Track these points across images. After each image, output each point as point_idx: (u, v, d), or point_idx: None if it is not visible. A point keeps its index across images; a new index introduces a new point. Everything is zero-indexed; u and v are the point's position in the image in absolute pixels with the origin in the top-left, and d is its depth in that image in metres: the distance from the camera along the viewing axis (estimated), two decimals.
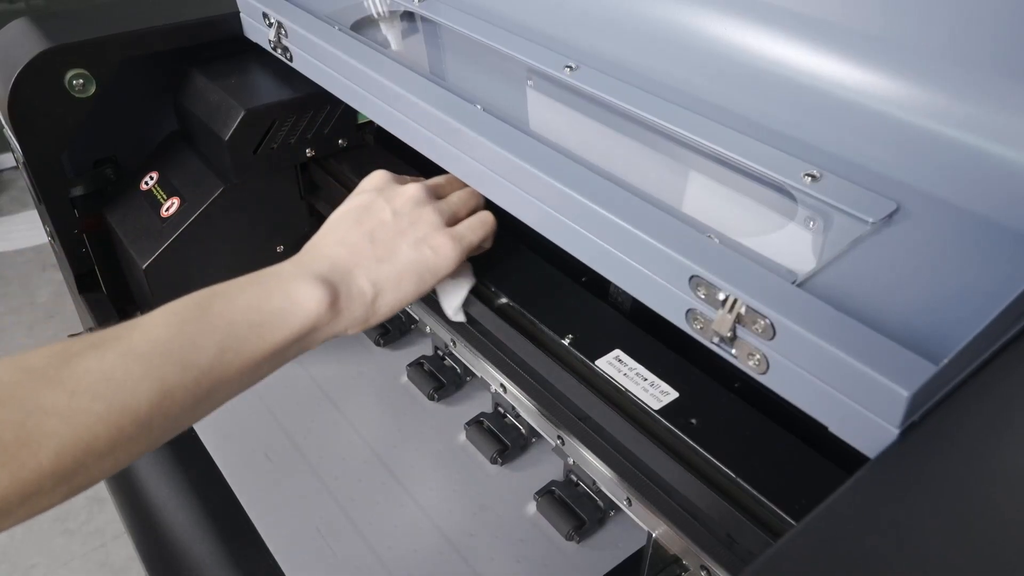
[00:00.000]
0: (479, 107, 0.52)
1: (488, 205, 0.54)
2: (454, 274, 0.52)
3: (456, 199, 0.53)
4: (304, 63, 0.66)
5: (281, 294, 0.46)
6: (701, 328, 0.38)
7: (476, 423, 0.72)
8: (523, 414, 0.67)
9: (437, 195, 0.53)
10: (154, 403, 0.40)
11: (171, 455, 0.71)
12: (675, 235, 0.39)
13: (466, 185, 0.54)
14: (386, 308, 0.49)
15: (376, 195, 0.52)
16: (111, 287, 0.85)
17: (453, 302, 0.54)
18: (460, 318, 0.56)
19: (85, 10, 0.74)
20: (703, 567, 0.49)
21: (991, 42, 0.42)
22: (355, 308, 0.48)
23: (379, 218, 0.50)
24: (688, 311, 0.39)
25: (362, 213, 0.51)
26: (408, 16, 0.72)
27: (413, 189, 0.52)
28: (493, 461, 0.71)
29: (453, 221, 0.52)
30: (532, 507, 0.68)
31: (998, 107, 0.42)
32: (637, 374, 0.47)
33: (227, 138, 0.70)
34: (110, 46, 0.69)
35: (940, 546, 0.28)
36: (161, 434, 0.41)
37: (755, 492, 0.40)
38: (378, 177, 0.54)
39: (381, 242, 0.49)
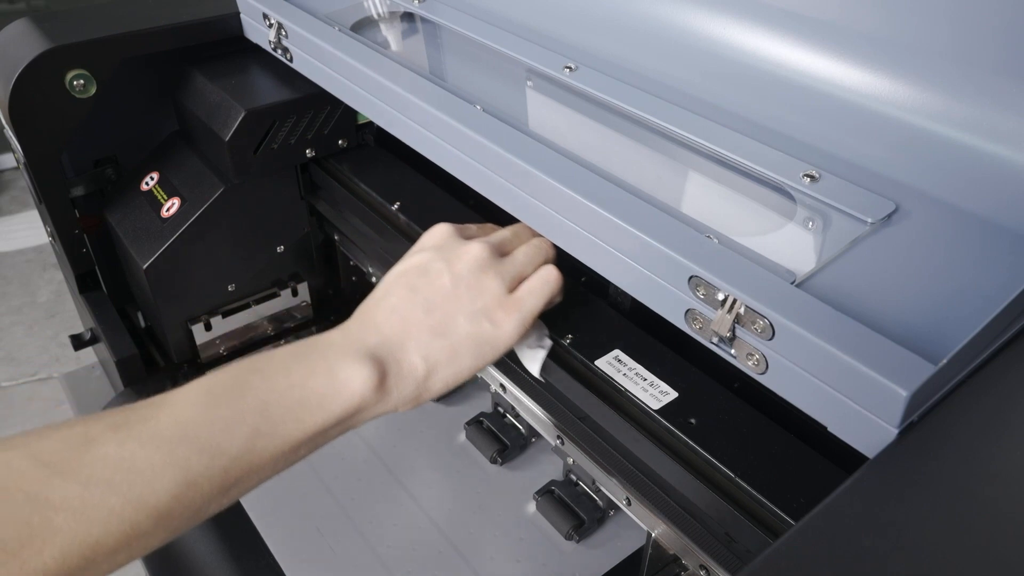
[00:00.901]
0: (479, 107, 0.52)
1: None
2: (529, 335, 0.48)
3: (522, 257, 0.48)
4: (304, 64, 0.66)
5: (325, 372, 0.42)
6: (700, 328, 0.38)
7: (476, 423, 0.73)
8: (523, 414, 0.67)
9: (502, 252, 0.48)
10: (175, 495, 0.37)
11: None
12: (674, 235, 0.39)
13: (535, 234, 0.50)
14: (440, 385, 0.45)
15: (436, 255, 0.47)
16: (112, 287, 0.85)
17: (534, 365, 0.50)
18: (540, 378, 0.51)
19: (85, 10, 0.74)
20: (702, 566, 0.49)
21: (991, 42, 0.42)
22: (405, 387, 0.44)
23: (436, 284, 0.46)
24: (687, 311, 0.39)
25: (419, 277, 0.46)
26: (408, 17, 0.72)
27: (476, 250, 0.47)
28: (493, 461, 0.71)
29: (518, 282, 0.47)
30: (532, 507, 0.68)
31: (997, 107, 0.42)
32: (636, 374, 0.47)
33: (227, 138, 0.70)
34: (110, 46, 0.69)
35: (938, 546, 0.28)
36: (181, 526, 0.38)
37: (754, 492, 0.40)
38: (439, 233, 0.50)
39: (437, 312, 0.45)
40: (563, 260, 0.48)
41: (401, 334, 0.44)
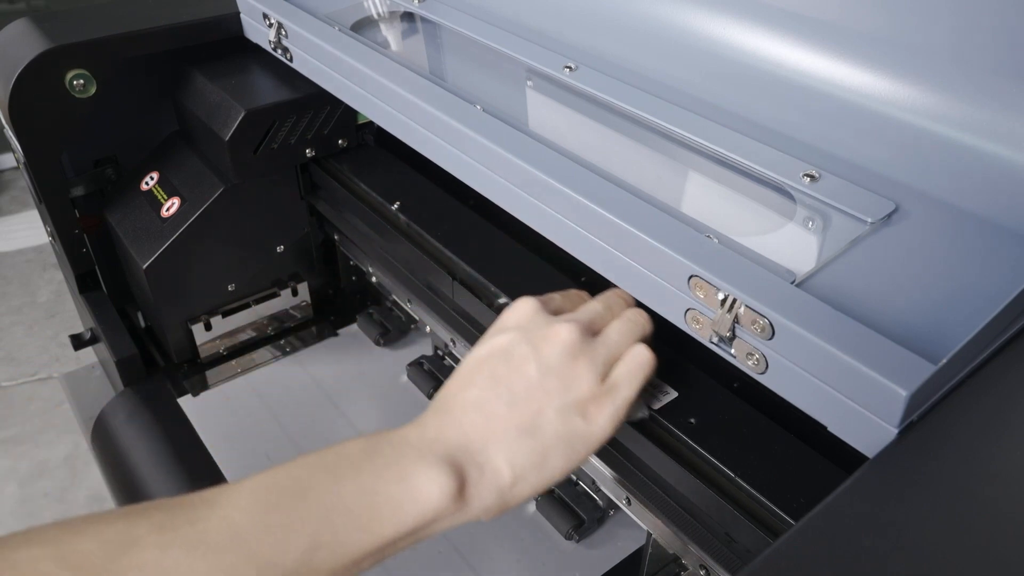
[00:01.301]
0: (479, 107, 0.52)
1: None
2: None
3: (616, 336, 0.43)
4: (304, 63, 0.66)
5: (397, 477, 0.37)
6: (700, 328, 0.38)
7: None
8: None
9: (592, 330, 0.43)
10: None
11: (173, 456, 0.71)
12: (674, 235, 0.39)
13: (628, 301, 0.46)
14: (527, 492, 0.40)
15: (520, 337, 0.42)
16: (112, 287, 0.85)
17: None
18: None
19: (85, 10, 0.74)
20: (702, 566, 0.49)
21: (991, 43, 0.42)
22: (486, 495, 0.39)
23: (521, 372, 0.41)
24: (687, 311, 0.39)
25: (501, 363, 0.41)
26: (408, 16, 0.72)
27: (565, 333, 0.41)
28: None
29: (611, 365, 0.42)
30: (532, 507, 0.68)
31: (997, 108, 0.42)
32: None
33: (227, 138, 0.70)
34: (110, 46, 0.69)
35: (938, 546, 0.28)
36: None
37: (754, 491, 0.40)
38: (523, 311, 0.44)
39: (523, 406, 0.40)
40: (563, 259, 0.48)
41: (484, 432, 0.39)
